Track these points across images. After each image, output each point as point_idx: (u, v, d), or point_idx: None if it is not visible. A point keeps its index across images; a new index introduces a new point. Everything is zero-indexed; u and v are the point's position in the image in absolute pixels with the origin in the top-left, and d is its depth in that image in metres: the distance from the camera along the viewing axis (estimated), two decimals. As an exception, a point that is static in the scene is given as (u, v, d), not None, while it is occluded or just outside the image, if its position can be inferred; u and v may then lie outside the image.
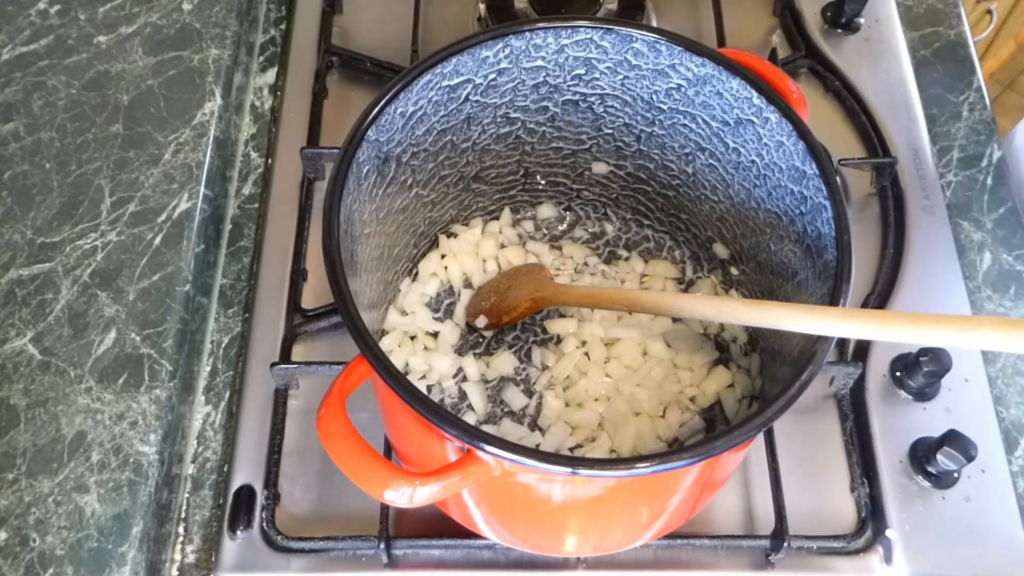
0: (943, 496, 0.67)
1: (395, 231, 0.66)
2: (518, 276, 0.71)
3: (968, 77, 0.88)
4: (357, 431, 0.48)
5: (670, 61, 0.61)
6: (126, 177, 0.73)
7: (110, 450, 0.62)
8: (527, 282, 0.70)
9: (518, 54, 0.62)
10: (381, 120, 0.57)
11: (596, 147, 0.70)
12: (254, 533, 0.66)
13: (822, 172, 0.56)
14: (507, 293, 0.69)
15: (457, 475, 0.47)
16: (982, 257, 0.78)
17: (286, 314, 0.74)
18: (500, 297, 0.70)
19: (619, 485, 0.51)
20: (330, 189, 0.54)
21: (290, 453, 0.69)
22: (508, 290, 0.70)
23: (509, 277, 0.71)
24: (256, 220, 0.80)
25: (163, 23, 0.81)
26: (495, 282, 0.72)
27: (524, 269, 0.72)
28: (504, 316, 0.69)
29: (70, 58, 0.79)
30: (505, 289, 0.70)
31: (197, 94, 0.78)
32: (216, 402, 0.71)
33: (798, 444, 0.69)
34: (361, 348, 0.49)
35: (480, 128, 0.66)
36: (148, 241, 0.71)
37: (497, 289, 0.71)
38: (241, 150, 0.83)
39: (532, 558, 0.65)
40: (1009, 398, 0.72)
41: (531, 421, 0.67)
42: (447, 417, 0.46)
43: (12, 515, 0.60)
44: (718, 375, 0.68)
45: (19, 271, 0.69)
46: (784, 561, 0.65)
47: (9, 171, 0.73)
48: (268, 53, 0.89)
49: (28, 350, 0.66)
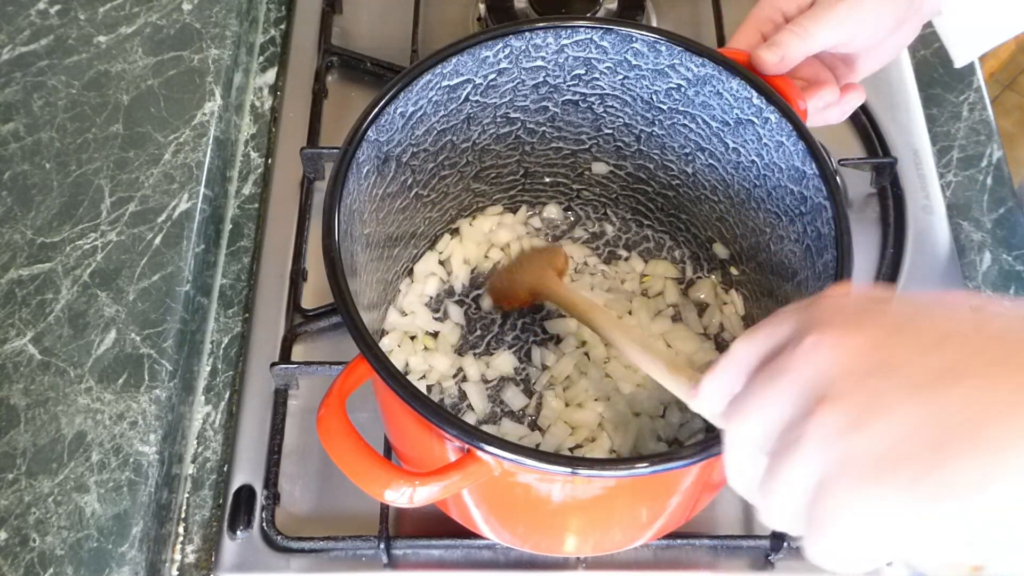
0: (943, 496, 0.67)
1: (395, 231, 0.66)
2: (530, 261, 0.70)
3: (968, 77, 0.88)
4: (357, 431, 0.48)
5: (670, 61, 0.61)
6: (126, 177, 0.73)
7: (110, 450, 0.63)
8: (533, 270, 0.69)
9: (518, 54, 0.62)
10: (381, 120, 0.57)
11: (596, 147, 0.70)
12: (254, 533, 0.66)
13: (822, 172, 0.56)
14: (515, 278, 0.69)
15: (457, 475, 0.48)
16: (982, 257, 0.78)
17: (286, 314, 0.74)
18: (508, 281, 0.70)
19: (619, 485, 0.51)
20: (330, 189, 0.54)
21: (290, 453, 0.69)
22: (516, 275, 0.69)
23: (523, 261, 0.71)
24: (256, 220, 0.80)
25: (163, 23, 0.81)
26: (510, 264, 0.71)
27: (537, 255, 0.71)
28: (505, 302, 0.69)
29: (70, 58, 0.79)
30: (515, 273, 0.70)
31: (197, 94, 0.78)
32: (216, 402, 0.71)
33: (798, 444, 0.69)
34: (361, 348, 0.49)
35: (480, 128, 0.66)
36: (148, 241, 0.71)
37: (509, 271, 0.70)
38: (241, 150, 0.83)
39: (532, 558, 0.65)
40: (1009, 398, 0.72)
41: (531, 421, 0.67)
42: (447, 417, 0.46)
43: (12, 515, 0.60)
44: None
45: (19, 271, 0.69)
46: (784, 561, 0.65)
47: (9, 171, 0.73)
48: (268, 53, 0.89)
49: (28, 350, 0.66)
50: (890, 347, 0.34)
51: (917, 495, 0.32)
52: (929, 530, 0.32)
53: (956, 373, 0.33)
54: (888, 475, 0.32)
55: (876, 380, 0.34)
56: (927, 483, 0.32)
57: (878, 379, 0.34)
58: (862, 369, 0.34)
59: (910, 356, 0.34)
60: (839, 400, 0.34)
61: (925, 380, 0.33)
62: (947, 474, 0.31)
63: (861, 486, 0.33)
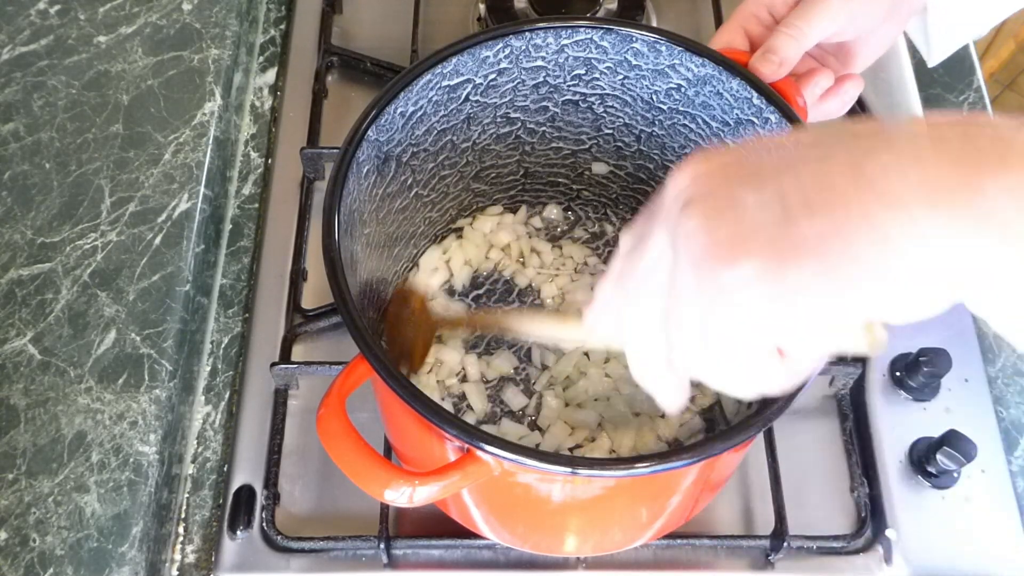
0: (943, 496, 0.67)
1: (395, 231, 0.66)
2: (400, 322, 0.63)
3: (968, 77, 0.88)
4: (356, 430, 0.48)
5: (670, 61, 0.61)
6: (126, 177, 0.73)
7: (110, 450, 0.63)
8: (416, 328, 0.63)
9: (518, 54, 0.62)
10: (381, 120, 0.57)
11: (596, 147, 0.70)
12: (254, 533, 0.66)
13: (822, 172, 0.55)
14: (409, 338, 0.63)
15: (456, 475, 0.48)
16: (982, 257, 0.78)
17: (286, 314, 0.74)
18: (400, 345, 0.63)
19: (618, 485, 0.51)
20: (330, 189, 0.54)
21: (290, 453, 0.69)
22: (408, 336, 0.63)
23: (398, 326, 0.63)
24: (256, 220, 0.80)
25: (163, 23, 0.81)
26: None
27: (400, 313, 0.64)
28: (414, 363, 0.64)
29: (70, 58, 0.79)
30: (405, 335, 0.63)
31: (197, 94, 0.78)
32: (216, 402, 0.71)
33: (798, 444, 0.69)
34: (361, 347, 0.49)
35: (480, 128, 0.66)
36: (148, 241, 0.71)
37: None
38: (241, 150, 0.83)
39: (532, 558, 0.65)
40: (1009, 398, 0.72)
41: (531, 421, 0.67)
42: (446, 416, 0.46)
43: (12, 515, 0.60)
44: None
45: (19, 271, 0.69)
46: (784, 561, 0.65)
47: (9, 171, 0.73)
48: (268, 53, 0.89)
49: (28, 350, 0.66)
50: (736, 162, 0.38)
51: (784, 259, 0.34)
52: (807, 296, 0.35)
53: (791, 163, 0.36)
54: (760, 247, 0.35)
55: (726, 181, 0.37)
56: (788, 247, 0.34)
57: (728, 180, 0.37)
58: (713, 180, 0.37)
59: (754, 162, 0.37)
60: (694, 206, 0.37)
61: (769, 172, 0.36)
62: (801, 234, 0.34)
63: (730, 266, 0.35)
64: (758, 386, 0.40)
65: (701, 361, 0.39)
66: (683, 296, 0.38)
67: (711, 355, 0.38)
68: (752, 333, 0.36)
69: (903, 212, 0.33)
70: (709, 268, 0.36)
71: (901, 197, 0.33)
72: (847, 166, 0.34)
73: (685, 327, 0.38)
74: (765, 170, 0.36)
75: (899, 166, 0.33)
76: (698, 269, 0.36)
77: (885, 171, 0.33)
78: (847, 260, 0.33)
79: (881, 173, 0.33)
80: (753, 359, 0.38)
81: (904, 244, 0.33)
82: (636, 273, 0.41)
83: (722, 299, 0.36)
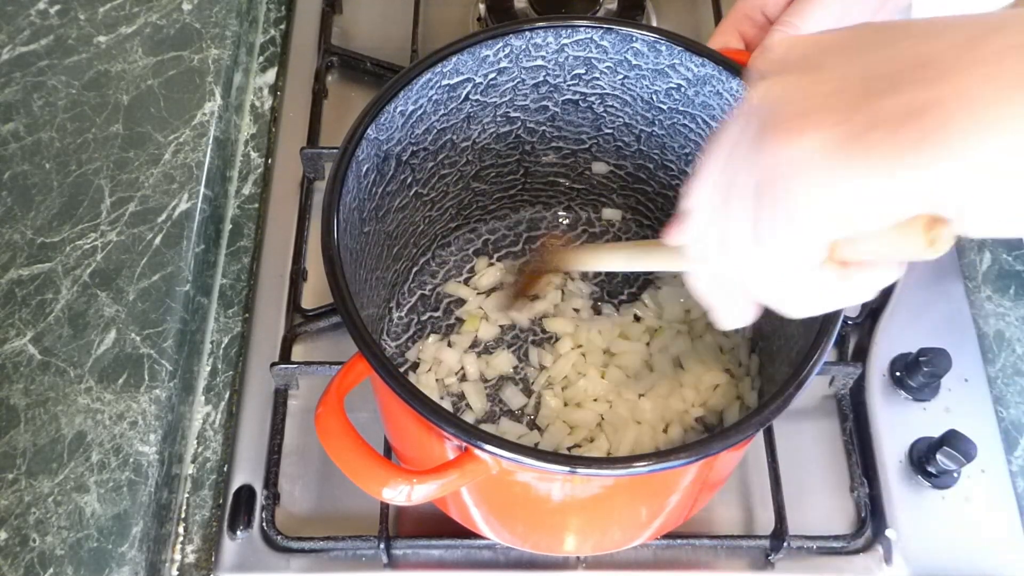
0: (943, 496, 0.67)
1: (395, 230, 0.66)
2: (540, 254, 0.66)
3: (968, 77, 0.88)
4: (355, 429, 0.48)
5: (670, 61, 0.61)
6: (126, 177, 0.73)
7: (110, 450, 0.63)
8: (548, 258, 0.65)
9: (518, 53, 0.62)
10: (381, 119, 0.58)
11: (596, 147, 0.70)
12: (254, 533, 0.66)
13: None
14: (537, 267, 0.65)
15: (455, 473, 0.47)
16: (982, 257, 0.78)
17: (286, 314, 0.74)
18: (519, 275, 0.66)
19: (617, 484, 0.50)
20: (329, 187, 0.54)
21: (290, 453, 0.69)
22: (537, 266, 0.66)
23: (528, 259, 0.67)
24: (256, 220, 0.80)
25: (163, 23, 0.81)
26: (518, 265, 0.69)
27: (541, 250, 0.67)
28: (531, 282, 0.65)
29: (70, 58, 0.79)
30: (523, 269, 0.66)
31: (197, 94, 0.78)
32: (216, 402, 0.71)
33: (798, 444, 0.69)
34: (360, 347, 0.49)
35: (480, 127, 0.66)
36: (148, 241, 0.71)
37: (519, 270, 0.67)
38: (241, 150, 0.83)
39: (532, 558, 0.65)
40: (1009, 398, 0.72)
41: (530, 420, 0.67)
42: (445, 415, 0.46)
43: (12, 515, 0.60)
44: (725, 393, 0.67)
45: (19, 271, 0.69)
46: (784, 561, 0.65)
47: (9, 171, 0.73)
48: (268, 53, 0.89)
49: (28, 350, 0.66)
50: (839, 35, 0.35)
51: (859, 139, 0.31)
52: (884, 182, 0.31)
53: (895, 38, 0.33)
54: (831, 120, 0.31)
55: (818, 49, 0.34)
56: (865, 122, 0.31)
57: (820, 50, 0.34)
58: (807, 47, 0.34)
59: (856, 34, 0.34)
60: (774, 73, 0.34)
61: (868, 44, 0.33)
62: (882, 109, 0.31)
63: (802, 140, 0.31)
64: (813, 299, 0.35)
65: (752, 262, 0.35)
66: (738, 179, 0.34)
67: (764, 253, 0.35)
68: (807, 225, 0.32)
69: (1018, 93, 0.29)
70: (769, 141, 0.32)
71: (1016, 81, 0.29)
72: (955, 46, 0.31)
73: (736, 216, 0.34)
74: (864, 41, 0.33)
75: (1016, 50, 0.30)
76: (758, 142, 0.33)
77: (999, 54, 0.30)
78: (934, 141, 0.30)
79: (995, 56, 0.30)
80: (808, 263, 0.34)
81: (1008, 130, 0.29)
82: (725, 175, 0.36)
83: (780, 178, 0.32)
